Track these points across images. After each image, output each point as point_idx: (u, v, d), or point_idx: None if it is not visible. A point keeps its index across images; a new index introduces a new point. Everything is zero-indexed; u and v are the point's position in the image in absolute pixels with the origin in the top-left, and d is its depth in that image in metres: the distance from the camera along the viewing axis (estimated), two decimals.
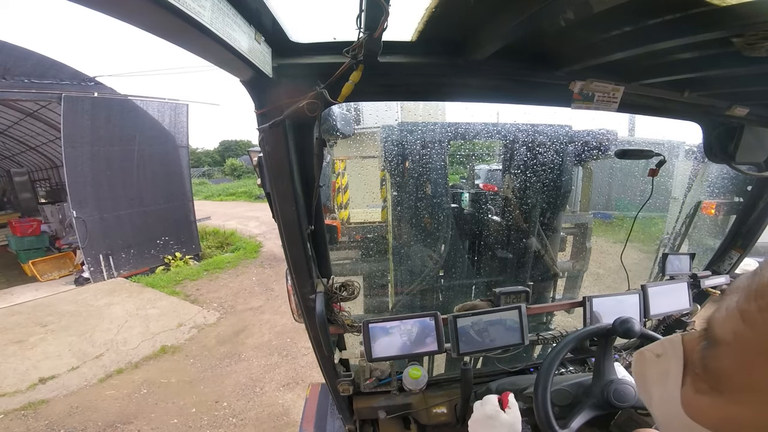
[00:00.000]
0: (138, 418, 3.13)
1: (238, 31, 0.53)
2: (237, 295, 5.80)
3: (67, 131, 6.05)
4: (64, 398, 3.39)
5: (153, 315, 5.07)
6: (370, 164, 2.66)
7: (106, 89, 6.80)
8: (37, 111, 7.39)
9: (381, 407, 1.29)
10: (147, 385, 3.58)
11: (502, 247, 1.94)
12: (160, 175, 7.52)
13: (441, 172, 1.69)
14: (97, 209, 6.57)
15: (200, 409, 3.22)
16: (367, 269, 2.28)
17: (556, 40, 0.72)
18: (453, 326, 1.20)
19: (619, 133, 1.75)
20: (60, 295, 5.93)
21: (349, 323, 1.19)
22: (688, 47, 0.64)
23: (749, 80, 0.80)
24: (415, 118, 2.11)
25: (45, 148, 9.57)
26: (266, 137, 0.76)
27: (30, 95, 5.98)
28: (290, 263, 0.99)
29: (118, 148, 6.82)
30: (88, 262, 6.42)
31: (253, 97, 0.72)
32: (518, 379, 1.26)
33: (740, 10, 0.52)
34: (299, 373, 3.68)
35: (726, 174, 1.79)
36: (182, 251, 7.62)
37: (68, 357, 4.03)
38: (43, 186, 11.13)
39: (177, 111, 7.62)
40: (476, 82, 0.83)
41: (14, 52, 5.80)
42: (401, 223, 1.86)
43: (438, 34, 0.71)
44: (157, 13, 0.38)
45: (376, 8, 0.54)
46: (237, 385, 3.53)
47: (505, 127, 1.66)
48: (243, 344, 4.31)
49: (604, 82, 0.81)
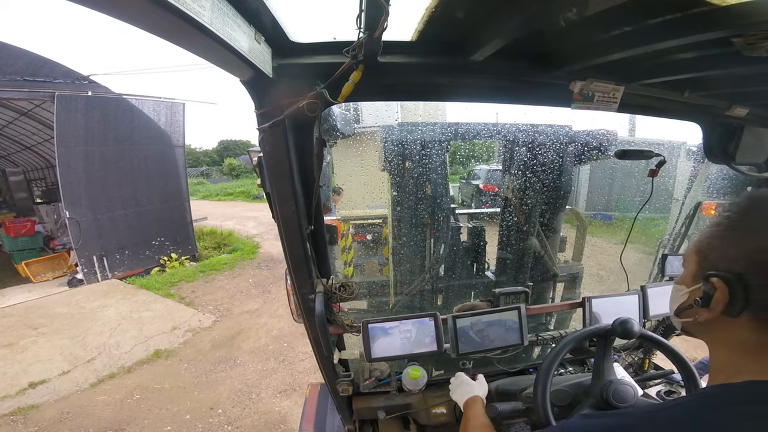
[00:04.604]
0: (131, 424, 3.08)
1: (238, 31, 0.52)
2: (233, 298, 5.75)
3: (60, 131, 5.98)
4: (55, 403, 3.33)
5: (147, 318, 5.02)
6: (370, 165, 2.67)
7: (100, 88, 6.72)
8: (31, 110, 7.30)
9: (380, 407, 1.29)
10: (140, 390, 3.52)
11: (502, 248, 1.94)
12: (155, 175, 7.45)
13: (441, 172, 1.69)
14: (90, 209, 6.49)
15: (194, 416, 3.17)
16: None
17: (556, 40, 0.72)
18: (452, 326, 1.20)
19: (619, 134, 1.76)
20: (53, 297, 5.86)
21: (348, 323, 1.19)
22: (688, 47, 0.65)
23: (749, 80, 0.80)
24: (415, 118, 2.10)
25: (40, 147, 9.46)
26: (266, 137, 0.75)
27: (22, 94, 5.90)
28: (290, 263, 0.99)
29: (112, 147, 6.74)
30: (82, 263, 6.34)
31: (253, 97, 0.71)
32: (518, 379, 1.26)
33: (740, 10, 0.52)
34: (297, 379, 3.64)
35: (726, 174, 1.81)
36: (178, 252, 7.55)
37: (59, 361, 3.97)
38: (38, 186, 10.99)
39: (173, 110, 7.56)
40: (476, 82, 0.83)
41: (5, 50, 5.72)
42: (401, 223, 1.86)
43: (438, 34, 0.71)
44: (157, 13, 0.38)
45: (376, 8, 0.53)
46: (232, 391, 3.49)
47: (505, 127, 1.66)
48: (239, 349, 4.26)
49: (604, 82, 0.81)
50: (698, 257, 0.53)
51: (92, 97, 6.37)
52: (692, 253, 0.55)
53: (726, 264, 0.47)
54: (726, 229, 0.49)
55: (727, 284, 0.46)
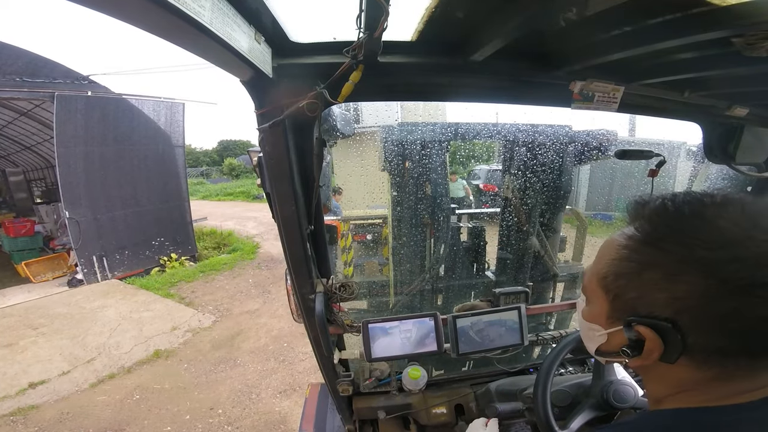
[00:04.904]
0: (130, 425, 3.08)
1: (238, 31, 0.52)
2: (233, 298, 5.75)
3: (60, 131, 5.98)
4: (55, 404, 3.34)
5: (147, 318, 5.01)
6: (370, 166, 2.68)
7: (99, 88, 6.72)
8: (31, 110, 7.30)
9: (381, 407, 1.29)
10: (140, 390, 3.52)
11: (502, 248, 1.94)
12: (155, 175, 7.45)
13: (441, 172, 1.69)
14: (90, 209, 6.49)
15: (194, 416, 3.17)
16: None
17: (556, 40, 0.72)
18: (452, 326, 1.20)
19: (619, 134, 1.76)
20: (52, 297, 5.85)
21: (348, 323, 1.19)
22: (688, 47, 0.65)
23: (749, 80, 0.80)
24: (415, 118, 2.10)
25: (40, 147, 9.46)
26: (266, 137, 0.75)
27: (22, 94, 5.90)
28: (290, 263, 0.99)
29: (112, 147, 6.74)
30: (82, 263, 6.34)
31: (253, 97, 0.71)
32: (518, 379, 1.26)
33: (740, 10, 0.52)
34: (297, 379, 3.64)
35: (726, 174, 1.81)
36: (178, 252, 7.55)
37: (59, 361, 3.97)
38: (38, 186, 10.99)
39: (173, 110, 7.56)
40: (476, 82, 0.83)
41: (5, 50, 5.72)
42: (401, 223, 1.86)
43: (438, 34, 0.71)
44: (156, 13, 0.38)
45: (376, 8, 0.53)
46: (232, 392, 3.49)
47: (505, 127, 1.66)
48: (239, 349, 4.26)
49: (604, 82, 0.81)
50: (606, 294, 0.45)
51: (92, 97, 6.37)
52: (596, 287, 0.46)
53: (650, 310, 0.40)
54: (639, 266, 0.40)
55: (659, 333, 0.39)
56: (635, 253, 0.41)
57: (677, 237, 0.38)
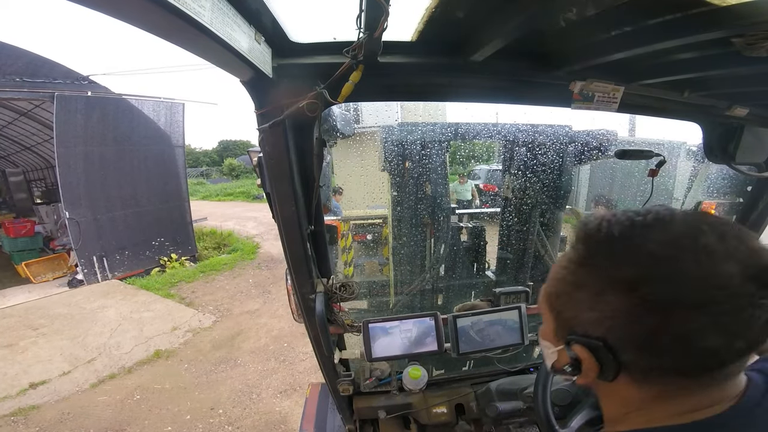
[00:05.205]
0: (131, 425, 3.08)
1: (238, 31, 0.52)
2: (233, 298, 5.75)
3: (59, 131, 5.98)
4: (56, 404, 3.34)
5: (147, 318, 5.01)
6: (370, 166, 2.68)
7: (99, 88, 6.72)
8: (31, 110, 7.30)
9: (381, 407, 1.30)
10: (140, 390, 3.52)
11: (502, 247, 1.94)
12: (155, 175, 7.45)
13: (441, 172, 1.69)
14: (90, 210, 6.49)
15: (195, 416, 3.17)
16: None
17: (556, 40, 0.72)
18: (453, 326, 1.20)
19: (619, 134, 1.76)
20: (53, 298, 5.85)
21: (349, 323, 1.19)
22: (688, 47, 0.65)
23: (749, 80, 0.80)
24: (415, 118, 2.10)
25: (40, 147, 9.46)
26: (266, 137, 0.75)
27: (22, 94, 5.90)
28: (290, 263, 0.99)
29: (112, 148, 6.74)
30: (82, 263, 6.34)
31: (253, 97, 0.71)
32: (518, 378, 1.27)
33: (740, 10, 0.52)
34: (297, 379, 3.64)
35: (726, 174, 1.81)
36: (178, 252, 7.55)
37: (60, 361, 3.97)
38: (38, 186, 10.99)
39: (173, 110, 7.56)
40: (476, 82, 0.83)
41: (5, 50, 5.71)
42: (401, 222, 1.86)
43: (438, 34, 0.71)
44: (156, 13, 0.38)
45: (376, 8, 0.53)
46: (233, 392, 3.49)
47: (505, 127, 1.66)
48: (239, 349, 4.26)
49: (604, 82, 0.81)
50: (551, 311, 0.46)
51: (92, 97, 6.37)
52: (544, 305, 0.47)
53: (583, 328, 0.41)
54: (572, 286, 0.42)
55: (592, 352, 0.40)
56: (570, 274, 0.43)
57: (605, 257, 0.39)
